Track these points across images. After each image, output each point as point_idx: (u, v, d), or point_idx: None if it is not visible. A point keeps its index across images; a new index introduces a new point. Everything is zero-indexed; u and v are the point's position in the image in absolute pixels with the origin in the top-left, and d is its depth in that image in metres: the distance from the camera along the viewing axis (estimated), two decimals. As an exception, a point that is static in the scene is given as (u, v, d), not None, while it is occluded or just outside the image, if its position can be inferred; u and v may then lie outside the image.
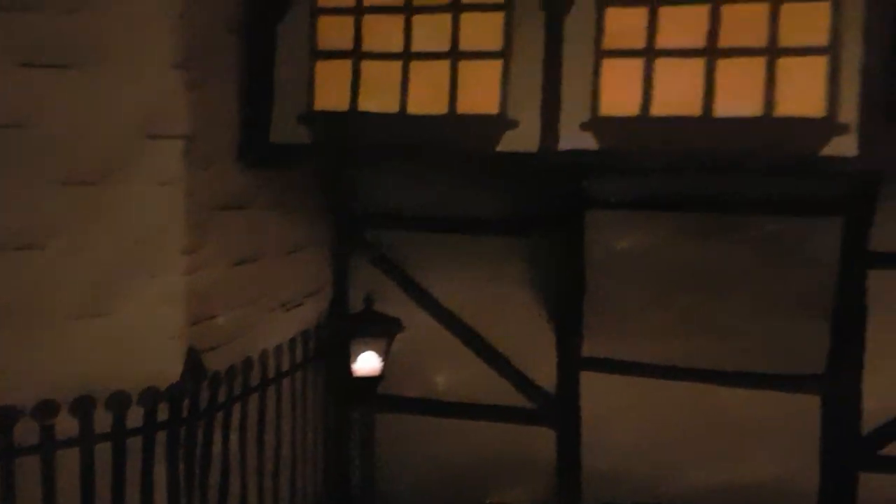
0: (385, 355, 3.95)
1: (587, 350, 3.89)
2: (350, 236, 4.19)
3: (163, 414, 2.86)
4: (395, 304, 4.08)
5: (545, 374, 4.00)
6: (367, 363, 3.93)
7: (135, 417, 2.78)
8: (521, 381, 4.03)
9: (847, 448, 3.62)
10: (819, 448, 3.63)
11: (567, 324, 3.91)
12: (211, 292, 3.12)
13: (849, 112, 2.71)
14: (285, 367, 3.55)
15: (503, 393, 4.04)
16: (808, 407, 3.59)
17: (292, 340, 3.62)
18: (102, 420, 2.70)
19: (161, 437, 2.85)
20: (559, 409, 3.97)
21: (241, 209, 3.30)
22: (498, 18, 3.03)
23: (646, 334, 3.73)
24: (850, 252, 3.39)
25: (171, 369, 2.91)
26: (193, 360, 2.90)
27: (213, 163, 3.11)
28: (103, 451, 2.70)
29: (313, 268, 3.97)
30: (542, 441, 4.00)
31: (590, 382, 3.90)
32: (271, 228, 3.54)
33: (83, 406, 2.67)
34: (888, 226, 3.36)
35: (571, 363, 3.94)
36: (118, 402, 2.73)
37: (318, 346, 3.85)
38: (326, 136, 3.24)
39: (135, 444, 2.78)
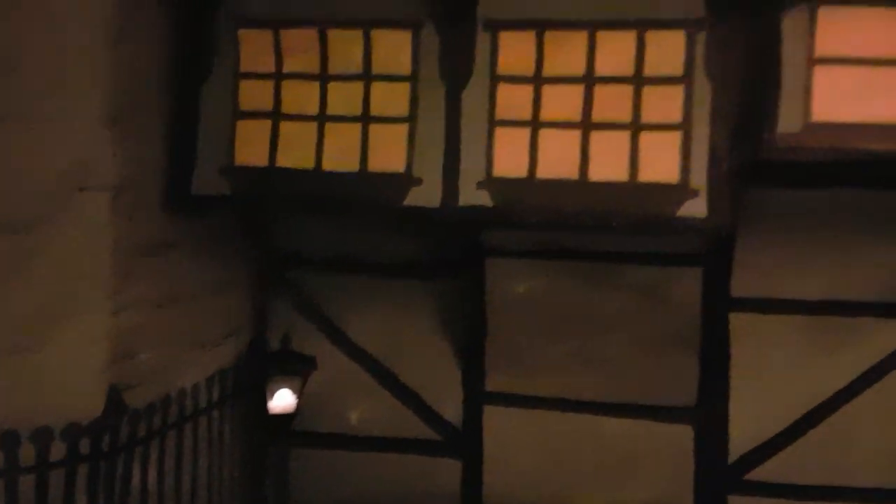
0: (300, 393, 4.19)
1: (490, 385, 4.22)
2: (270, 278, 4.45)
3: (84, 448, 3.02)
4: (312, 343, 4.36)
5: (452, 408, 4.31)
6: (282, 401, 4.16)
7: (58, 452, 2.94)
8: (430, 416, 4.34)
9: (717, 474, 4.03)
10: (693, 474, 4.02)
11: (472, 361, 4.25)
12: (133, 333, 3.32)
13: (699, 179, 3.16)
14: (203, 404, 3.74)
15: (413, 427, 4.33)
16: (682, 436, 3.99)
17: (210, 379, 3.82)
18: (28, 454, 2.86)
19: (82, 470, 3.02)
20: (465, 442, 4.27)
21: (165, 254, 3.54)
22: (404, 88, 3.40)
23: (541, 370, 4.09)
24: (712, 297, 3.85)
25: (93, 406, 3.10)
26: (114, 398, 3.10)
27: (138, 212, 3.36)
28: (28, 484, 2.85)
29: (233, 309, 4.19)
30: (449, 472, 4.28)
31: (492, 416, 4.22)
32: (193, 271, 3.77)
33: (8, 440, 2.83)
34: (744, 274, 3.84)
35: (476, 398, 4.27)
36: (41, 436, 2.90)
37: (235, 385, 4.04)
38: (246, 188, 3.52)
39: (58, 476, 2.93)
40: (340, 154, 3.46)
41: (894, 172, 3.27)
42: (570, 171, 3.28)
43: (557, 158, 3.29)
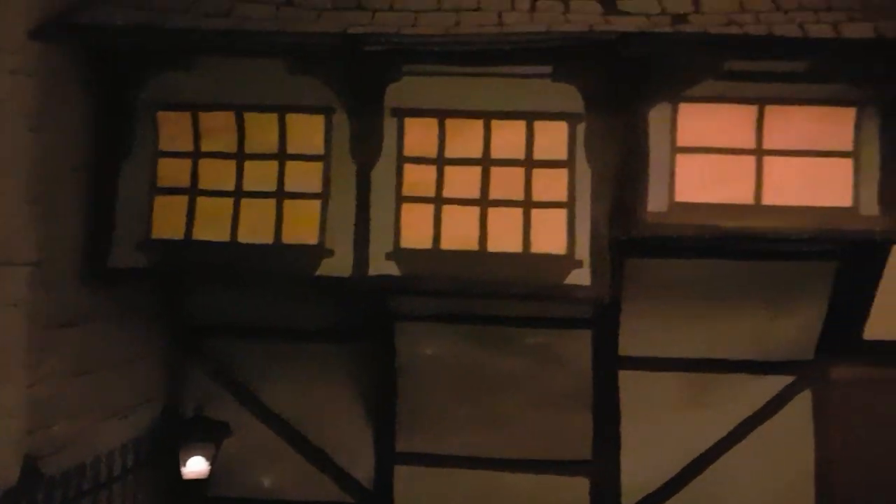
0: (213, 459, 4.26)
1: (400, 446, 4.41)
2: (186, 347, 4.54)
3: (-1, 519, 3.06)
4: (226, 409, 4.46)
5: (364, 470, 4.46)
6: (195, 467, 4.22)
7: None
8: (342, 478, 4.47)
9: (612, 522, 4.37)
10: (590, 523, 4.38)
11: (382, 423, 4.44)
12: (49, 403, 3.38)
13: (583, 251, 3.54)
14: (118, 472, 3.78)
15: (326, 490, 4.45)
16: (579, 488, 4.28)
17: (125, 446, 3.87)
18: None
19: (-1, 540, 3.03)
20: (377, 502, 4.41)
21: (82, 325, 3.62)
22: (317, 167, 3.67)
23: (448, 430, 4.31)
24: (602, 357, 4.20)
25: (9, 475, 3.12)
26: (30, 467, 3.13)
27: (56, 285, 3.45)
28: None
29: (148, 377, 4.25)
30: (362, 532, 4.46)
31: (403, 476, 4.40)
32: (109, 342, 3.84)
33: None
34: (631, 335, 4.21)
35: (387, 459, 4.44)
36: (-47, 508, 2.92)
37: (149, 452, 4.09)
38: (162, 261, 3.67)
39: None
40: (255, 227, 3.67)
41: (746, 246, 3.73)
42: (470, 242, 3.60)
43: (459, 231, 3.61)
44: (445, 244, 3.61)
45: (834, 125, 3.46)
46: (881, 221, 3.44)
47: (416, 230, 3.62)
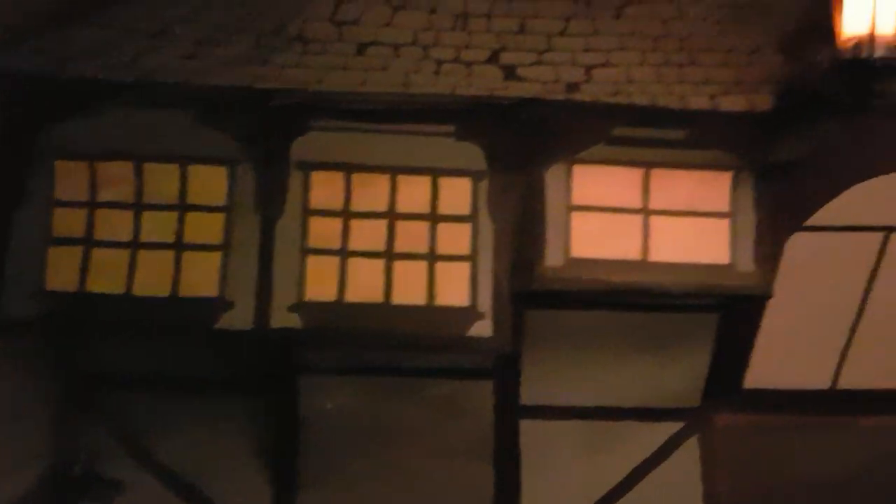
0: (103, 519, 4.03)
1: (301, 501, 4.26)
2: (78, 400, 4.27)
3: None
4: (120, 465, 4.22)
5: (264, 526, 4.40)
6: (84, 528, 3.98)
7: None
8: (240, 535, 4.37)
9: (515, 573, 4.40)
10: (493, 574, 4.39)
11: (284, 477, 4.32)
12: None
13: (485, 303, 3.68)
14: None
15: (221, 548, 4.35)
16: (481, 538, 4.36)
17: (10, 508, 3.64)
18: None
19: None
20: (277, 562, 4.35)
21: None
22: (219, 218, 3.66)
23: (350, 483, 4.23)
24: (504, 407, 4.25)
25: None
26: None
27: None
28: None
29: (37, 433, 4.01)
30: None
31: (305, 531, 4.37)
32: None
33: None
34: (531, 385, 4.26)
35: (288, 516, 4.40)
36: None
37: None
38: (56, 312, 3.54)
39: None
40: (153, 279, 3.62)
41: (635, 299, 3.90)
42: (375, 295, 3.67)
43: (364, 284, 3.67)
44: (350, 297, 3.66)
45: (712, 188, 3.76)
46: (755, 277, 3.75)
47: (320, 282, 3.65)
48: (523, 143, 3.72)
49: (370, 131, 3.61)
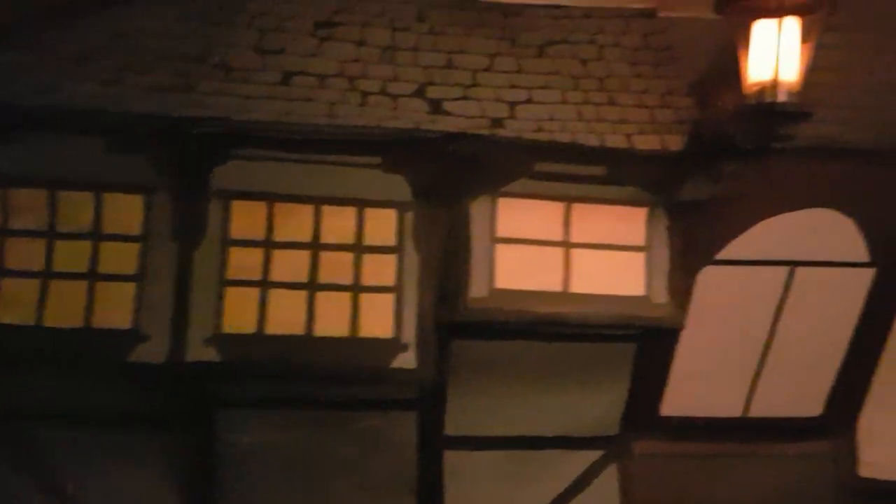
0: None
1: (219, 541, 4.22)
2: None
3: None
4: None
5: (179, 568, 4.20)
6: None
7: None
8: (152, 579, 4.17)
9: None
10: None
11: (199, 516, 4.23)
12: None
13: (409, 335, 3.68)
14: None
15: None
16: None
17: None
18: None
19: None
20: None
21: None
22: (134, 248, 3.54)
23: (271, 521, 4.18)
24: (427, 438, 4.21)
25: None
26: None
27: None
28: None
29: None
30: None
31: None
32: None
33: None
34: (456, 415, 4.20)
35: (204, 556, 4.22)
36: None
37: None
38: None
39: None
40: (64, 310, 3.46)
41: (557, 329, 3.96)
42: (296, 327, 3.61)
43: (285, 316, 3.61)
44: (270, 329, 3.59)
45: (629, 223, 3.90)
46: (669, 309, 3.89)
47: (239, 314, 3.57)
48: (449, 176, 3.76)
49: (294, 161, 3.58)
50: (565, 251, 3.87)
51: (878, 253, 4.00)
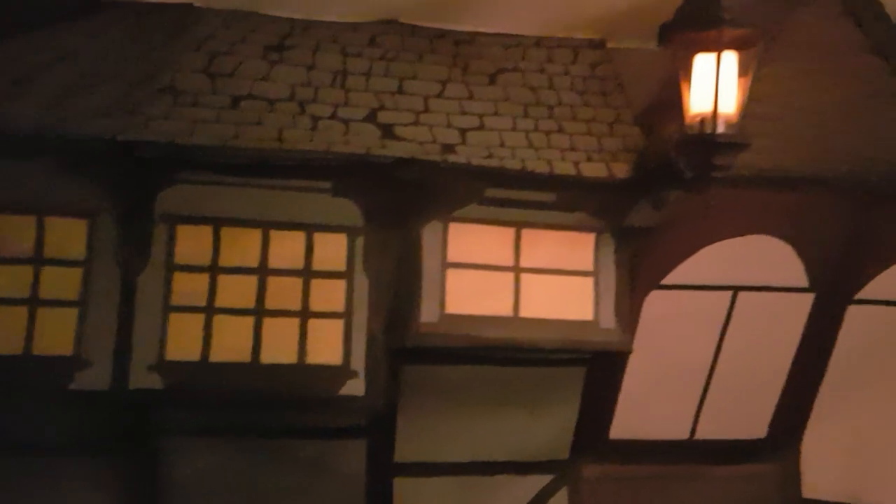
0: None
1: (162, 571, 4.09)
2: None
3: None
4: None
5: None
6: None
7: None
8: None
9: None
10: None
11: (141, 549, 4.11)
12: None
13: (358, 361, 3.66)
14: None
15: None
16: None
17: None
18: None
19: None
20: None
21: None
22: (77, 273, 3.46)
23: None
24: (377, 465, 4.16)
25: None
26: None
27: None
28: None
29: None
30: None
31: None
32: None
33: None
34: (406, 442, 4.16)
35: (145, 588, 4.10)
36: None
37: None
38: None
39: None
40: (4, 336, 3.36)
41: (507, 354, 3.97)
42: (242, 354, 3.57)
43: (231, 342, 3.56)
44: (215, 356, 3.54)
45: (578, 248, 3.95)
46: (617, 333, 3.95)
47: (183, 341, 3.51)
48: (400, 201, 3.77)
49: (242, 185, 3.55)
50: (515, 276, 3.89)
51: (816, 278, 4.13)
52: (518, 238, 3.91)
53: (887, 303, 4.27)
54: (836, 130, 3.69)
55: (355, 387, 3.63)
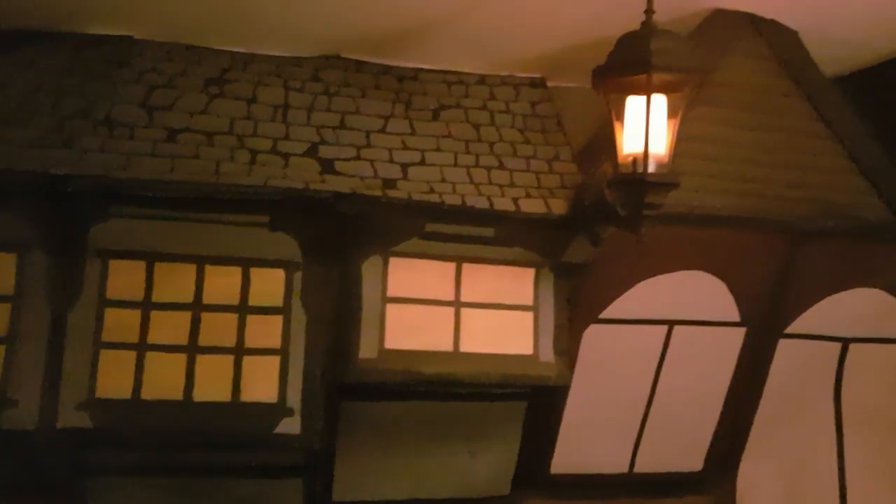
0: None
1: None
2: None
3: None
4: None
5: None
6: None
7: None
8: None
9: None
10: None
11: None
12: None
13: (294, 398, 3.61)
14: None
15: None
16: None
17: None
18: None
19: None
20: None
21: None
22: (5, 308, 3.36)
23: None
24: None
25: None
26: None
27: None
28: None
29: None
30: None
31: None
32: None
33: None
34: (345, 479, 4.08)
35: None
36: None
37: None
38: None
39: None
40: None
41: (447, 389, 3.96)
42: (175, 392, 3.49)
43: (163, 380, 3.50)
44: (147, 394, 3.47)
45: (518, 283, 3.98)
46: (556, 368, 3.98)
47: (114, 378, 3.44)
48: (339, 236, 3.76)
49: (177, 219, 3.51)
50: (455, 311, 3.90)
51: (747, 313, 4.22)
52: (459, 273, 3.93)
53: (815, 337, 4.42)
54: (763, 171, 3.81)
55: (291, 425, 3.58)
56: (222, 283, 3.58)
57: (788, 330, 4.35)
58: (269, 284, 3.65)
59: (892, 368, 4.36)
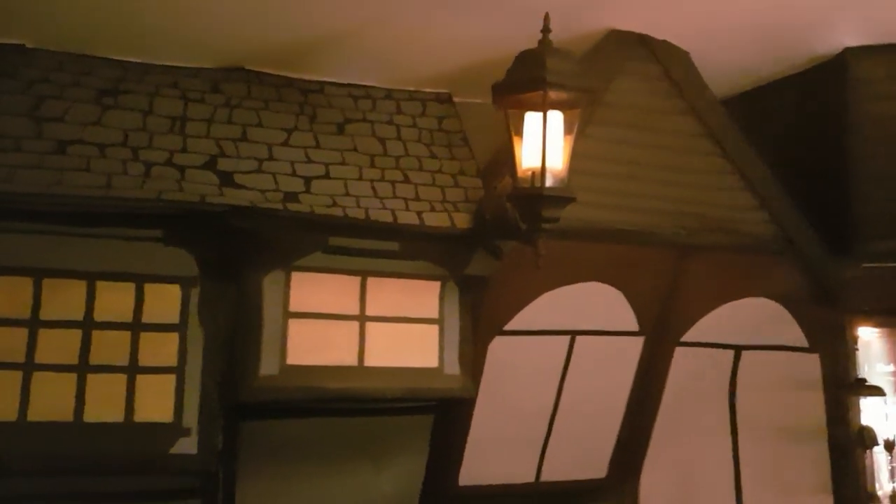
0: None
1: None
2: None
3: None
4: None
5: None
6: None
7: None
8: None
9: None
10: None
11: None
12: None
13: (191, 418, 3.50)
14: None
15: None
16: None
17: None
18: None
19: None
20: None
21: None
22: None
23: None
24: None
25: None
26: None
27: None
28: None
29: None
30: None
31: None
32: None
33: None
34: (248, 501, 3.93)
35: None
36: None
37: None
38: None
39: None
40: None
41: (352, 405, 3.93)
42: (64, 413, 3.33)
43: (51, 401, 3.33)
44: (34, 416, 3.29)
45: (423, 296, 3.97)
46: (461, 380, 3.97)
47: (-2, 401, 3.28)
48: (239, 250, 3.68)
49: (65, 234, 3.37)
50: (360, 325, 3.86)
51: (644, 323, 4.36)
52: (363, 287, 3.90)
53: (710, 345, 4.58)
54: (652, 187, 3.94)
55: (187, 445, 3.46)
56: (115, 300, 3.45)
57: (684, 338, 4.52)
58: (164, 301, 3.54)
59: (781, 374, 4.58)
